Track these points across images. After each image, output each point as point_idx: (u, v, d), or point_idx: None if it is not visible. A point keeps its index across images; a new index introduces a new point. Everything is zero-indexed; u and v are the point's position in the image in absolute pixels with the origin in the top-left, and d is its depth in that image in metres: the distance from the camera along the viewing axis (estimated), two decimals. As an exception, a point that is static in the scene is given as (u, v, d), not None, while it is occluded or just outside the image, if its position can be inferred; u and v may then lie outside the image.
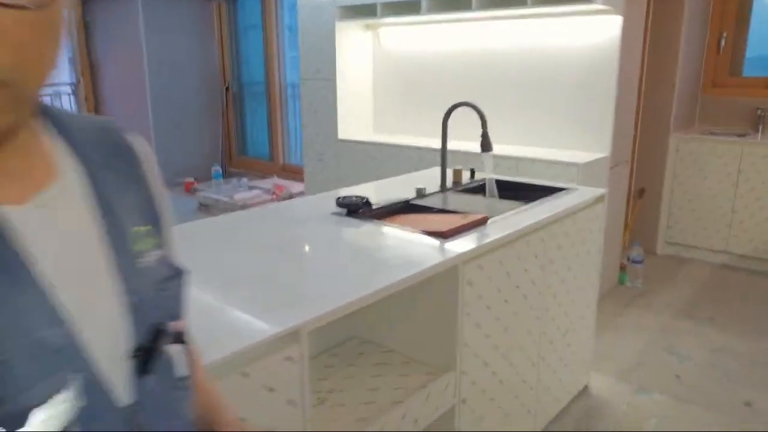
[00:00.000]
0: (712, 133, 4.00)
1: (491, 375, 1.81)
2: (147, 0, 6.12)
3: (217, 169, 6.01)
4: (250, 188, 5.61)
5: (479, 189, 2.40)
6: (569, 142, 3.29)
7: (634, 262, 3.60)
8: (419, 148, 3.56)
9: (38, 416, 0.42)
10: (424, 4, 3.39)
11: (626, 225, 3.88)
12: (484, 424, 1.82)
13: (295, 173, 6.22)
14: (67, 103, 7.12)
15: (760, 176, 3.73)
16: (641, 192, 4.11)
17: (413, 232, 1.75)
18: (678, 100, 3.96)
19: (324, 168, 4.19)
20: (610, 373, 2.63)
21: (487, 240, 1.68)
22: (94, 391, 0.47)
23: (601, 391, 2.51)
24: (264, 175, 6.44)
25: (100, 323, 0.50)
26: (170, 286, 0.59)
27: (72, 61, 7.03)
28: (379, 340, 1.83)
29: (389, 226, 1.84)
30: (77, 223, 0.52)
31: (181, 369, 0.59)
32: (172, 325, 0.58)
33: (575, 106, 3.25)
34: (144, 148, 0.64)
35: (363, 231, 1.80)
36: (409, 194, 2.25)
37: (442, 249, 1.61)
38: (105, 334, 0.51)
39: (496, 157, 2.96)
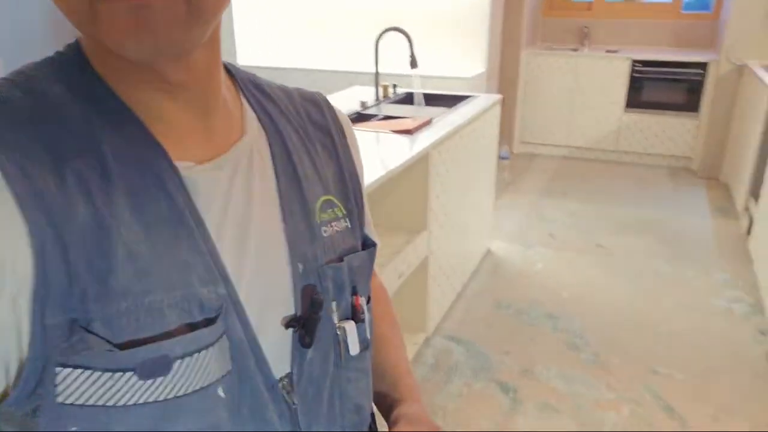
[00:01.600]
0: (551, 49, 4.92)
1: (446, 232, 2.46)
2: None
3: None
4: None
5: (406, 100, 2.96)
6: (452, 62, 3.94)
7: (503, 158, 4.45)
8: (326, 72, 3.99)
9: (180, 366, 0.43)
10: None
11: (493, 129, 4.71)
12: (442, 267, 2.48)
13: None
14: None
15: (588, 83, 4.74)
16: (502, 101, 4.96)
17: (384, 132, 2.29)
18: (526, 22, 4.78)
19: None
20: (503, 239, 3.45)
21: (444, 132, 2.27)
22: (245, 354, 0.47)
23: (500, 250, 3.31)
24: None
25: (263, 289, 0.50)
26: (352, 258, 0.57)
27: None
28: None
29: (360, 129, 2.35)
30: (256, 187, 0.51)
31: (354, 348, 0.57)
32: (349, 300, 0.57)
33: (454, 32, 3.88)
34: (349, 124, 0.65)
35: (344, 135, 2.29)
36: (351, 107, 2.74)
37: (414, 141, 2.17)
38: (269, 300, 0.50)
39: (403, 76, 3.52)
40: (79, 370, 0.40)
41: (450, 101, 2.90)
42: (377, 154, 2.03)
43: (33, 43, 2.42)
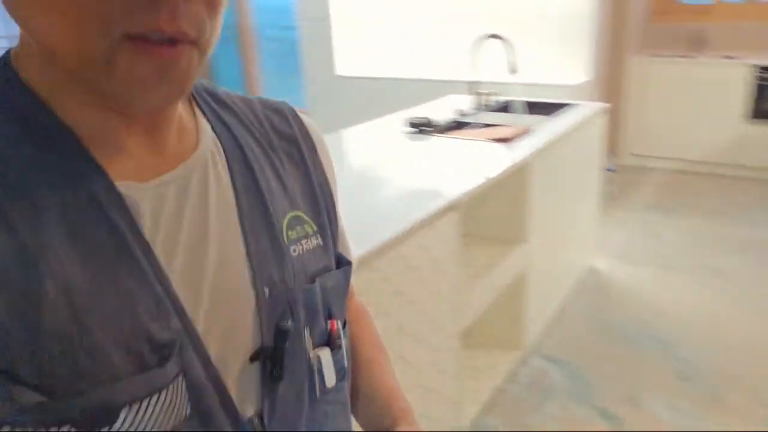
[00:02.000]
0: (660, 56, 4.61)
1: (545, 243, 2.34)
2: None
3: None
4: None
5: (504, 108, 2.88)
6: (555, 69, 3.79)
7: (609, 170, 4.22)
8: (421, 81, 3.97)
9: (128, 414, 0.38)
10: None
11: (597, 141, 4.48)
12: (541, 282, 2.36)
13: (275, 117, 6.47)
14: None
15: (705, 91, 4.39)
16: (609, 111, 4.71)
17: (482, 140, 2.22)
18: (632, 28, 4.52)
19: (326, 104, 4.54)
20: (609, 257, 3.24)
21: (544, 141, 2.17)
22: (202, 394, 0.42)
23: (605, 268, 3.12)
24: (242, 122, 6.64)
25: (224, 319, 0.45)
26: (326, 278, 0.53)
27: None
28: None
29: (458, 138, 2.29)
30: (213, 203, 0.47)
31: (330, 378, 0.52)
32: (324, 325, 0.52)
33: (560, 38, 3.74)
34: (319, 134, 0.61)
35: (440, 143, 2.24)
36: (448, 116, 2.69)
37: (513, 150, 2.08)
38: (228, 332, 0.45)
39: (501, 84, 3.43)
40: (7, 428, 0.35)
41: (550, 109, 2.77)
42: (474, 162, 1.97)
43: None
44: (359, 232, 1.41)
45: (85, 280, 0.38)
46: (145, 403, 0.38)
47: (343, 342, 0.54)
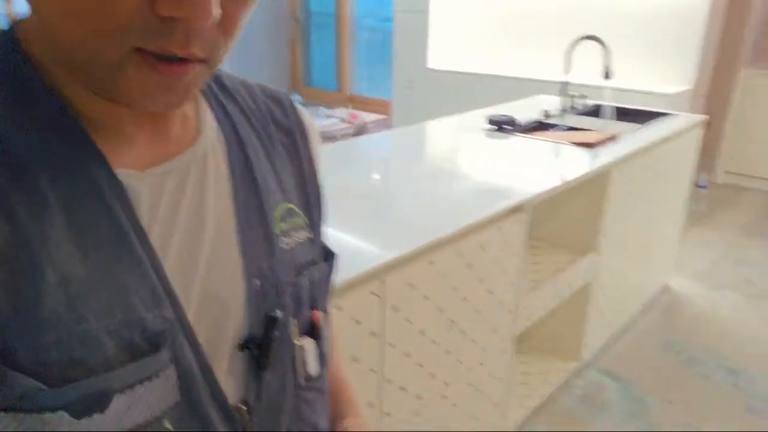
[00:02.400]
0: (777, 71, 4.28)
1: (618, 258, 2.27)
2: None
3: (297, 97, 6.36)
4: (328, 116, 5.99)
5: (593, 113, 2.79)
6: (657, 75, 3.62)
7: (700, 186, 3.99)
8: (511, 78, 3.91)
9: (120, 400, 0.38)
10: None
11: (693, 154, 4.23)
12: (607, 295, 2.29)
13: (365, 104, 6.58)
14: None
15: (823, 111, 4.04)
16: (708, 125, 4.44)
17: (564, 143, 2.17)
18: (749, 39, 4.21)
19: (413, 96, 4.56)
20: (687, 277, 3.09)
21: (628, 150, 2.09)
22: (194, 382, 0.43)
23: (680, 288, 2.97)
24: (330, 106, 6.80)
25: (214, 308, 0.46)
26: (313, 271, 0.54)
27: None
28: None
29: (539, 139, 2.25)
30: (210, 193, 0.48)
31: (312, 367, 0.53)
32: (308, 315, 0.53)
33: (661, 44, 3.55)
34: (313, 125, 0.61)
35: (519, 143, 2.22)
36: (533, 115, 2.64)
37: (594, 156, 2.02)
38: (217, 321, 0.46)
39: (593, 88, 3.32)
40: (1, 414, 0.35)
41: (643, 117, 2.66)
42: (550, 165, 1.93)
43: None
44: (421, 223, 1.44)
45: (83, 268, 0.38)
46: (137, 390, 0.39)
47: (324, 332, 0.55)
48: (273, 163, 0.54)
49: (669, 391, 2.22)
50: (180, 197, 0.45)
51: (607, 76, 2.53)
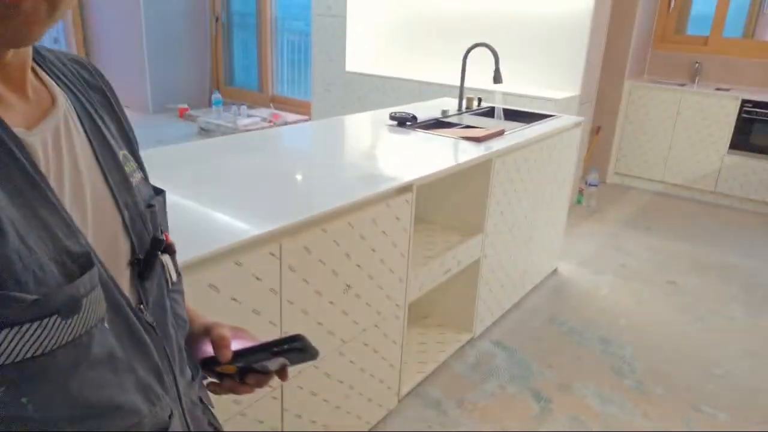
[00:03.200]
0: (657, 82, 4.80)
1: (504, 240, 2.55)
2: (142, -73, 6.29)
3: (217, 96, 6.41)
4: (249, 116, 6.08)
5: (488, 113, 3.08)
6: (546, 83, 4.00)
7: (591, 185, 4.41)
8: (419, 82, 4.19)
9: (86, 303, 0.48)
10: (433, -44, 3.94)
11: (585, 157, 4.67)
12: (497, 275, 2.57)
13: (286, 104, 6.71)
14: (53, 33, 7.25)
15: (693, 119, 4.58)
16: (598, 129, 4.91)
17: (455, 137, 2.43)
18: (633, 53, 4.71)
19: (331, 97, 4.76)
20: (574, 263, 3.45)
21: (510, 143, 2.38)
22: (111, 291, 0.54)
23: (567, 272, 3.32)
24: (252, 105, 6.88)
25: (104, 235, 0.56)
26: (156, 202, 0.66)
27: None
28: (426, 217, 2.53)
29: (434, 134, 2.50)
30: (77, 147, 0.56)
31: (173, 275, 0.67)
32: (162, 237, 0.64)
33: (551, 54, 3.94)
34: (108, 80, 0.70)
35: (417, 137, 2.46)
36: (434, 115, 2.90)
37: (479, 148, 2.29)
38: (110, 244, 0.57)
39: (489, 92, 3.65)
40: (7, 329, 0.43)
41: (530, 118, 2.98)
42: (442, 155, 2.18)
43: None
44: (318, 198, 1.63)
45: (15, 211, 0.46)
46: (90, 297, 0.49)
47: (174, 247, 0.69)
48: (102, 118, 0.63)
49: (549, 357, 2.52)
50: (60, 150, 0.54)
51: (496, 80, 2.82)
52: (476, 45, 2.89)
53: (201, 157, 1.96)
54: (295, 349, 0.69)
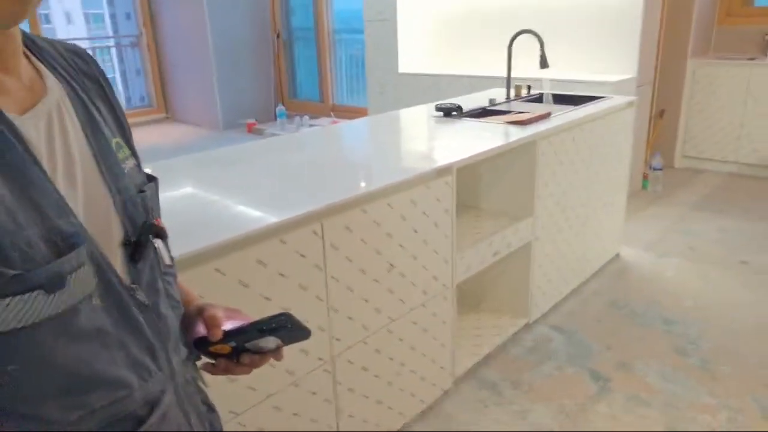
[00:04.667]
0: (724, 58, 4.59)
1: (556, 223, 2.55)
2: (204, -45, 6.68)
3: (281, 108, 6.69)
4: (311, 126, 6.30)
5: (537, 100, 3.08)
6: (602, 67, 3.92)
7: (655, 169, 4.27)
8: (473, 77, 4.22)
9: (71, 280, 0.51)
10: (477, -48, 3.98)
11: (648, 141, 4.53)
12: (551, 258, 2.57)
13: (345, 112, 6.90)
14: (130, 54, 7.82)
15: (765, 95, 4.34)
16: (662, 113, 4.74)
17: (501, 123, 2.46)
18: (695, 30, 4.53)
19: (385, 100, 4.87)
20: (637, 247, 3.36)
21: (555, 125, 2.38)
22: (104, 269, 0.55)
23: (630, 257, 3.24)
24: (315, 116, 7.12)
25: (97, 217, 0.58)
26: (148, 188, 0.67)
27: (130, 15, 7.68)
28: (475, 203, 2.57)
29: (479, 121, 2.54)
30: (70, 133, 0.58)
31: (167, 259, 0.69)
32: (154, 222, 0.66)
33: (605, 36, 3.87)
34: (102, 69, 0.71)
35: (462, 125, 2.51)
36: (483, 104, 2.94)
37: (523, 131, 2.31)
38: (102, 226, 0.58)
39: (540, 80, 3.63)
40: None
41: (580, 101, 2.95)
42: (486, 139, 2.22)
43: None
44: (359, 181, 1.72)
45: (7, 190, 0.49)
46: (76, 273, 0.52)
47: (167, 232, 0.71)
48: (97, 106, 0.65)
49: (609, 338, 2.48)
50: (52, 135, 0.56)
51: (542, 65, 2.82)
52: (521, 32, 2.90)
53: (256, 154, 2.10)
54: (284, 327, 0.71)
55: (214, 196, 1.62)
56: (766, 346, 2.38)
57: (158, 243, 0.67)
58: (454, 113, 2.66)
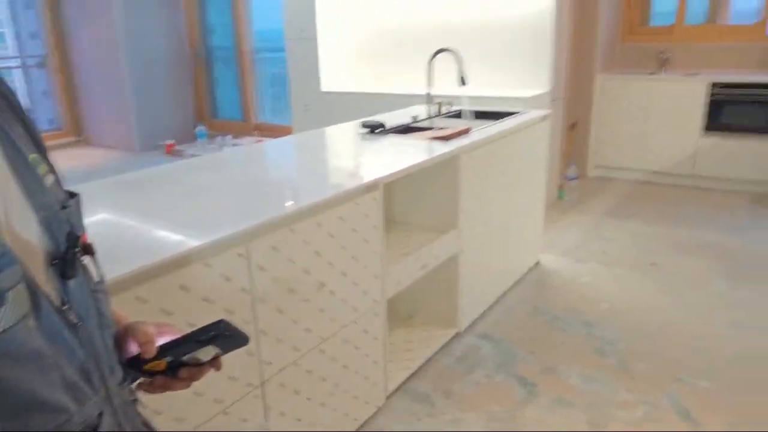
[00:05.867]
0: (628, 73, 4.91)
1: (480, 234, 2.62)
2: (117, -28, 6.46)
3: (201, 128, 6.53)
4: (234, 145, 6.19)
5: (457, 116, 3.18)
6: (517, 83, 4.10)
7: (570, 178, 4.49)
8: (395, 95, 4.29)
9: (10, 297, 0.49)
10: (395, -28, 4.08)
11: (563, 153, 4.76)
12: (477, 269, 2.64)
13: (269, 131, 6.83)
14: (36, 75, 7.41)
15: (665, 106, 4.68)
16: (573, 125, 5.01)
17: (424, 139, 2.52)
18: (601, 47, 4.84)
19: (310, 118, 4.86)
20: (556, 254, 3.51)
21: (475, 139, 2.46)
22: (34, 289, 0.54)
23: (550, 264, 3.39)
24: (238, 135, 7.00)
25: (20, 236, 0.56)
26: (70, 204, 0.66)
27: (37, 34, 7.29)
28: (402, 218, 2.60)
29: (403, 138, 2.59)
30: None
31: (95, 275, 0.67)
32: (80, 239, 0.64)
33: (519, 55, 4.05)
34: (9, 85, 0.68)
35: (387, 142, 2.54)
36: (406, 121, 2.99)
37: (446, 146, 2.38)
38: (28, 244, 0.57)
39: (460, 97, 3.74)
40: None
41: (498, 116, 3.07)
42: (411, 155, 2.26)
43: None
44: (285, 200, 1.71)
45: None
46: (14, 290, 0.51)
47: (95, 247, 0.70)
48: (7, 121, 0.63)
49: (533, 345, 2.57)
50: None
51: (461, 82, 2.92)
52: (439, 51, 2.99)
53: (175, 176, 2.04)
54: (221, 335, 0.69)
55: (131, 221, 1.56)
56: (676, 343, 2.55)
57: (86, 259, 0.65)
58: (379, 130, 2.70)
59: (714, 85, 4.45)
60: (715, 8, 5.14)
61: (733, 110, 4.44)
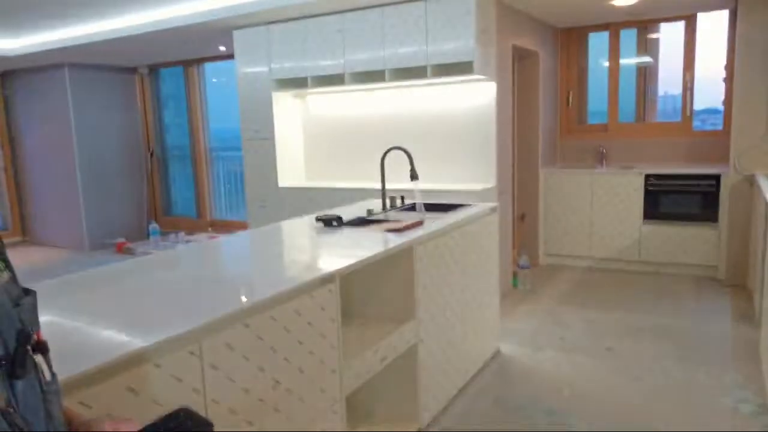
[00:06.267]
0: (569, 167, 5.20)
1: (438, 324, 2.62)
2: (73, 73, 6.58)
3: (154, 226, 6.45)
4: (187, 242, 6.11)
5: (410, 209, 3.26)
6: (466, 178, 4.27)
7: (523, 267, 4.60)
8: (349, 189, 4.39)
9: None
10: (347, 77, 4.31)
11: (514, 243, 4.90)
12: (437, 360, 2.61)
13: (224, 227, 6.80)
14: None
15: (607, 197, 4.93)
16: (523, 216, 5.19)
17: (379, 231, 2.56)
18: (543, 143, 5.13)
19: (266, 213, 4.89)
20: (514, 342, 3.52)
21: (429, 231, 2.52)
22: None
23: (509, 351, 3.38)
24: (192, 232, 6.94)
25: None
26: (24, 302, 0.65)
27: (-14, 135, 7.24)
28: (359, 311, 2.58)
29: (358, 230, 2.63)
30: None
31: (47, 374, 0.65)
32: (34, 337, 0.63)
33: (467, 151, 4.26)
34: None
35: (343, 234, 2.58)
36: (361, 214, 3.05)
37: (400, 237, 2.42)
38: None
39: (416, 190, 3.86)
40: None
41: (449, 209, 3.17)
42: (366, 247, 2.29)
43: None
44: (239, 295, 1.68)
45: None
46: None
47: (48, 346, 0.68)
48: None
49: (497, 438, 2.52)
50: None
51: (413, 177, 3.02)
52: (391, 149, 3.12)
53: (125, 275, 2.00)
54: (183, 425, 0.68)
55: (76, 322, 1.50)
56: (636, 426, 2.53)
57: (39, 359, 0.64)
58: (335, 223, 2.73)
59: (648, 176, 4.74)
60: (643, 107, 5.58)
61: (668, 200, 4.71)
